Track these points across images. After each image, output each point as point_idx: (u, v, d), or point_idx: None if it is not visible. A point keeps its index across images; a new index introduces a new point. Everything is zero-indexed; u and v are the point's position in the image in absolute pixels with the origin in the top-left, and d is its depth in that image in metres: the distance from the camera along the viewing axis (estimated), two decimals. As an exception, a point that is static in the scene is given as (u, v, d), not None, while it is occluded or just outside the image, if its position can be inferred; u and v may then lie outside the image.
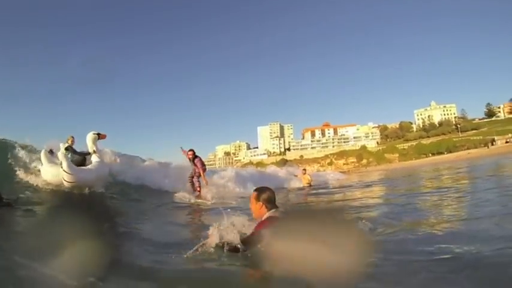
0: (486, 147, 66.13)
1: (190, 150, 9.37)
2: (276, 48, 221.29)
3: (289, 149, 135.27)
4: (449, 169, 17.58)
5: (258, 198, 2.59)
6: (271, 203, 2.58)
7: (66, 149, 7.33)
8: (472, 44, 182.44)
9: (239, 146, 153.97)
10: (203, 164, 9.30)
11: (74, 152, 7.58)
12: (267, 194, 2.60)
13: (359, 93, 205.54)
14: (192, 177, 9.40)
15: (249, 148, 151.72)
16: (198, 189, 9.18)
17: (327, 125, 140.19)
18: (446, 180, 10.16)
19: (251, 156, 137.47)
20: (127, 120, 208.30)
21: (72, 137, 7.81)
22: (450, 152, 77.93)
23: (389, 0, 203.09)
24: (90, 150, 7.96)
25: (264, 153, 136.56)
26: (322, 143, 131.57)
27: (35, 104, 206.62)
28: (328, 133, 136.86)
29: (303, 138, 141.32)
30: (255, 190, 2.69)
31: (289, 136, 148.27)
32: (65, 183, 6.51)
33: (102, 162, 8.08)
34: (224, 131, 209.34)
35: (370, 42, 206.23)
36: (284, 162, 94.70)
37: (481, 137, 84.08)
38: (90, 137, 8.05)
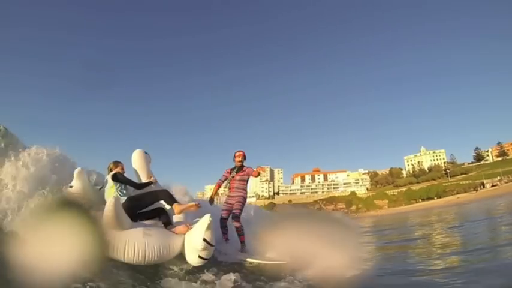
0: (475, 191, 66.06)
1: (240, 151, 5.34)
2: (270, 93, 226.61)
3: (278, 193, 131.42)
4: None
5: None
6: None
7: (115, 178, 3.91)
8: (459, 90, 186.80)
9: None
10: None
11: (129, 182, 4.04)
12: None
13: (350, 140, 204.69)
14: (229, 212, 4.97)
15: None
16: (241, 234, 4.86)
17: (317, 171, 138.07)
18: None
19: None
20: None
21: (121, 163, 4.25)
22: (440, 197, 75.47)
23: (373, 48, 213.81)
24: (146, 179, 4.38)
25: (253, 196, 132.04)
26: (311, 189, 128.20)
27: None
28: (318, 179, 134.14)
29: (293, 183, 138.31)
30: None
31: (278, 180, 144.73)
32: (195, 262, 3.53)
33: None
34: (213, 170, 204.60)
35: (361, 90, 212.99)
36: (272, 206, 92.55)
37: (470, 181, 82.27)
38: (141, 155, 4.51)
